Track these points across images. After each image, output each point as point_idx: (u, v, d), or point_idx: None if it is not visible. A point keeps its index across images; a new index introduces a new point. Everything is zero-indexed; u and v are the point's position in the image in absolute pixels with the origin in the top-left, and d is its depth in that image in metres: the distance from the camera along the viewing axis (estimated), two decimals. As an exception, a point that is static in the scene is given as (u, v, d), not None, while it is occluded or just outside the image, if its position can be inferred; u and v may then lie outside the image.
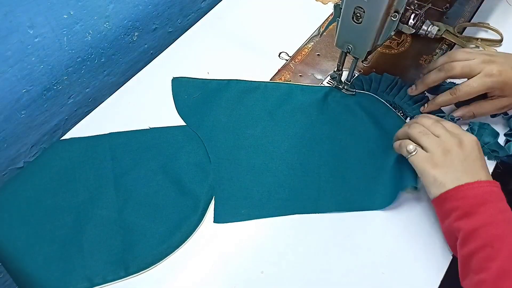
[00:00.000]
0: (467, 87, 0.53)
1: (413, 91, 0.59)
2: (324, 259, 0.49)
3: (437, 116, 0.55)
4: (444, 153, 0.47)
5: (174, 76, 0.65)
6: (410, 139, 0.50)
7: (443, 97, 0.56)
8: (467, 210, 0.44)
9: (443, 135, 0.48)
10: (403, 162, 0.51)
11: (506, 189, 0.67)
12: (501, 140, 0.57)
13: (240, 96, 0.62)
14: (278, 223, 0.51)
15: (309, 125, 0.59)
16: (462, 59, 0.54)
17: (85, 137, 0.58)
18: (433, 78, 0.56)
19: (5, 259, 0.51)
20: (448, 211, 0.46)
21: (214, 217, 0.52)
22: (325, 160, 0.55)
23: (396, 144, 0.52)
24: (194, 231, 0.51)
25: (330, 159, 0.56)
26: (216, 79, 0.64)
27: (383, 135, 0.57)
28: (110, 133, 0.59)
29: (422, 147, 0.49)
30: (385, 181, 0.52)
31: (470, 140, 0.47)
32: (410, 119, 0.59)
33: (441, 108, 0.58)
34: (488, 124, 0.55)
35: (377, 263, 0.48)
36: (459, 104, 0.57)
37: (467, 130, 0.55)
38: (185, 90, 0.63)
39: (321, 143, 0.57)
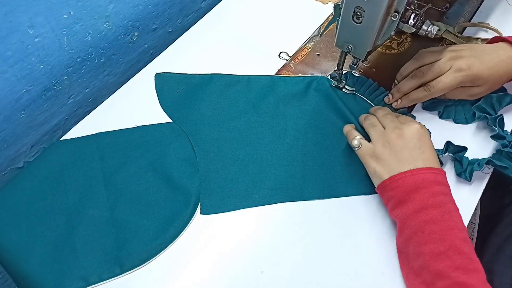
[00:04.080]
0: (440, 83, 0.55)
1: (390, 100, 0.60)
2: (324, 259, 0.49)
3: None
4: (384, 145, 0.49)
5: (157, 72, 0.65)
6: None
7: (417, 94, 0.57)
8: (400, 198, 0.46)
9: (387, 127, 0.51)
10: None
11: (506, 189, 0.67)
12: (488, 145, 0.57)
13: (224, 90, 0.63)
14: (279, 223, 0.51)
15: (292, 116, 0.60)
16: (430, 61, 0.56)
17: (72, 138, 0.58)
18: (408, 86, 0.58)
19: (4, 261, 0.51)
20: (386, 200, 0.49)
21: (200, 209, 0.52)
22: (308, 149, 0.57)
23: (345, 130, 0.55)
24: (187, 225, 0.51)
25: (313, 147, 0.57)
26: (199, 74, 0.65)
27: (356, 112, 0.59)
28: (96, 133, 0.59)
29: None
30: None
31: (410, 129, 0.49)
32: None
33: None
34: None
35: (377, 263, 0.48)
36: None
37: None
38: (168, 85, 0.64)
39: (304, 132, 0.58)
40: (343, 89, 0.62)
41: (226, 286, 0.47)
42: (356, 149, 0.52)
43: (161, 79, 0.65)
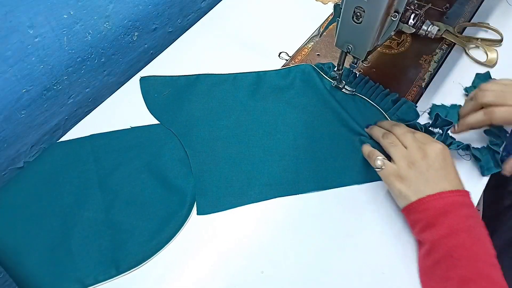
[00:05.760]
0: (505, 113, 0.51)
1: (455, 130, 0.57)
2: (324, 259, 0.49)
3: (409, 124, 0.56)
4: (409, 165, 0.48)
5: (142, 76, 0.65)
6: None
7: (476, 117, 0.53)
8: (428, 221, 0.45)
9: (410, 146, 0.49)
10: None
11: (506, 190, 0.67)
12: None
13: (211, 89, 0.63)
14: (278, 223, 0.51)
15: (281, 110, 0.60)
16: (495, 89, 0.53)
17: (66, 140, 0.58)
18: (467, 109, 0.55)
19: (3, 261, 0.51)
20: (413, 222, 0.48)
21: (197, 209, 0.52)
22: (300, 142, 0.57)
23: (365, 151, 0.53)
24: (182, 226, 0.51)
25: (304, 140, 0.57)
26: (185, 75, 0.65)
27: (355, 112, 0.60)
28: (91, 135, 0.59)
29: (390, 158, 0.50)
30: (360, 156, 0.55)
31: (435, 149, 0.48)
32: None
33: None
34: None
35: (377, 263, 0.48)
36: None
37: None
38: (154, 89, 0.64)
39: (294, 126, 0.59)
40: (343, 90, 0.62)
41: (226, 285, 0.47)
42: (379, 170, 0.50)
43: (146, 83, 0.64)
